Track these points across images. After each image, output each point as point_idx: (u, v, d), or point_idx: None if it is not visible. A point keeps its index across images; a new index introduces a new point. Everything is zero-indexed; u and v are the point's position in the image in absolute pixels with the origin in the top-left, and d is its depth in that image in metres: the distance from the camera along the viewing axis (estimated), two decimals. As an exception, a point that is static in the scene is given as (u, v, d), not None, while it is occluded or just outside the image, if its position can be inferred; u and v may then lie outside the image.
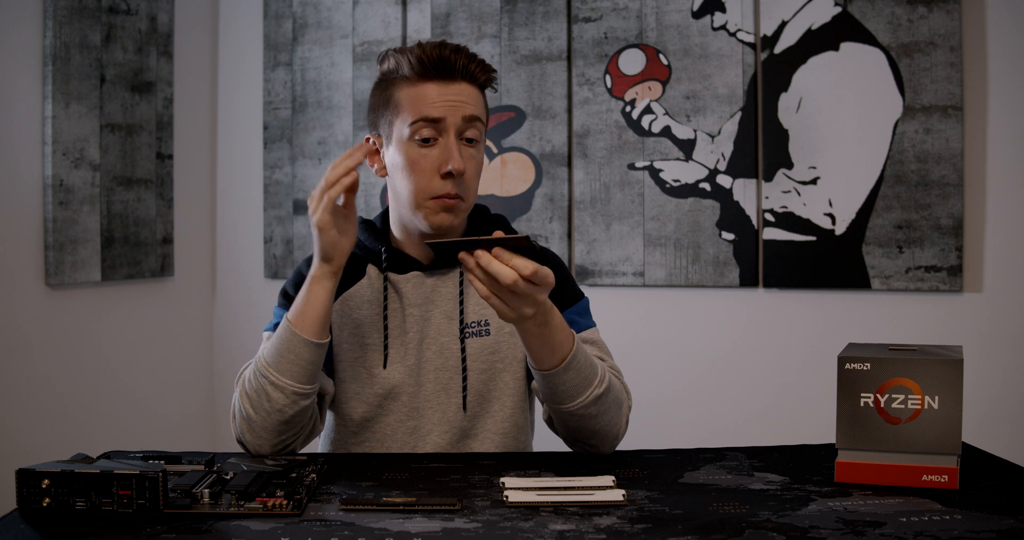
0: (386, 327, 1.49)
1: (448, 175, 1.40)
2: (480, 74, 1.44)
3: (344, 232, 1.35)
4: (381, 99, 1.46)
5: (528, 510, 1.09)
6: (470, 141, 1.43)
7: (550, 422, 1.43)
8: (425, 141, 1.41)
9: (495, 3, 2.93)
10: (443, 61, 1.40)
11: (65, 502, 1.03)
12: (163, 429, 3.01)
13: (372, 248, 1.52)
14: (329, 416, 1.56)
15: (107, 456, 1.20)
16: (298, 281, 1.50)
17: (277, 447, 1.37)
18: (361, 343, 1.49)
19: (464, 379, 1.49)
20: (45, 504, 1.03)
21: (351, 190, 1.33)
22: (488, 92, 1.50)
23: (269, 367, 1.33)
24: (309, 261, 1.53)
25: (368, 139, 1.49)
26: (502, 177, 2.92)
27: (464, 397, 1.49)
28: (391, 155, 1.45)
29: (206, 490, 1.09)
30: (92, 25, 2.71)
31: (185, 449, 1.39)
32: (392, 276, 1.50)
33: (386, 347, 1.49)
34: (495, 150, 2.93)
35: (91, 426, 2.73)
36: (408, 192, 1.43)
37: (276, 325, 1.45)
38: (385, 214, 1.55)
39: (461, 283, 1.50)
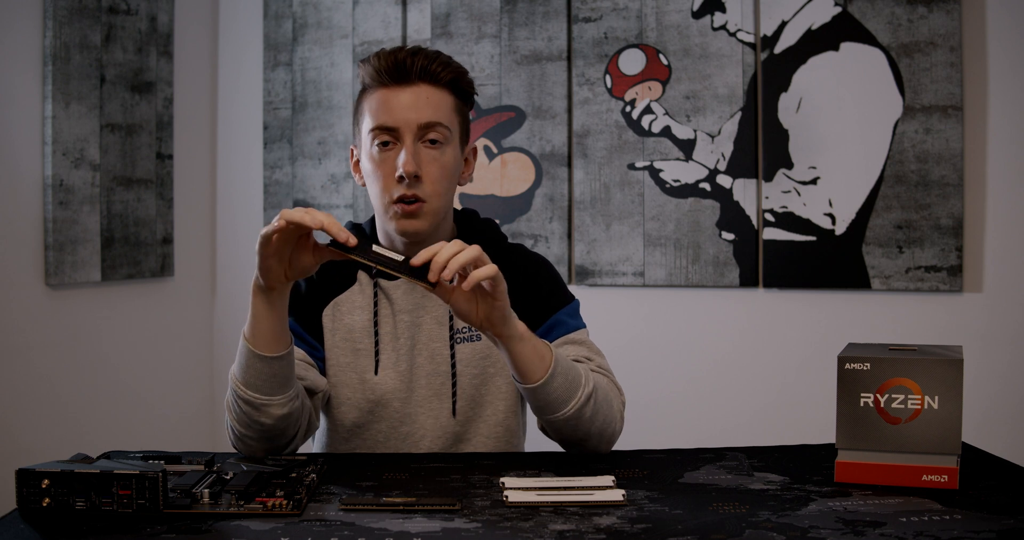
0: (376, 333, 1.49)
1: (401, 179, 1.40)
2: (443, 74, 1.43)
3: (283, 259, 1.22)
4: (355, 109, 1.49)
5: (528, 510, 1.09)
6: (433, 142, 1.42)
7: (544, 431, 1.42)
8: (384, 144, 1.42)
9: (495, 3, 2.93)
10: (397, 66, 1.40)
11: (65, 502, 1.03)
12: (163, 429, 3.01)
13: None
14: (322, 420, 1.56)
15: (107, 456, 1.20)
16: (298, 284, 1.51)
17: (273, 451, 1.36)
18: (353, 349, 1.49)
19: (454, 385, 1.48)
20: (45, 504, 1.03)
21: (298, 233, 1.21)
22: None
23: (238, 382, 1.30)
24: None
25: (351, 150, 1.53)
26: (502, 177, 2.92)
27: (454, 402, 1.49)
28: (362, 162, 1.47)
29: (206, 490, 1.09)
30: (92, 25, 2.71)
31: (185, 449, 1.39)
32: (382, 282, 1.50)
33: (377, 353, 1.48)
34: (495, 150, 2.93)
35: (91, 426, 2.73)
36: (375, 198, 1.45)
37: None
38: (373, 220, 1.55)
39: None
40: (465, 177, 1.52)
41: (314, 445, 1.58)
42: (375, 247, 1.20)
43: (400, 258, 1.19)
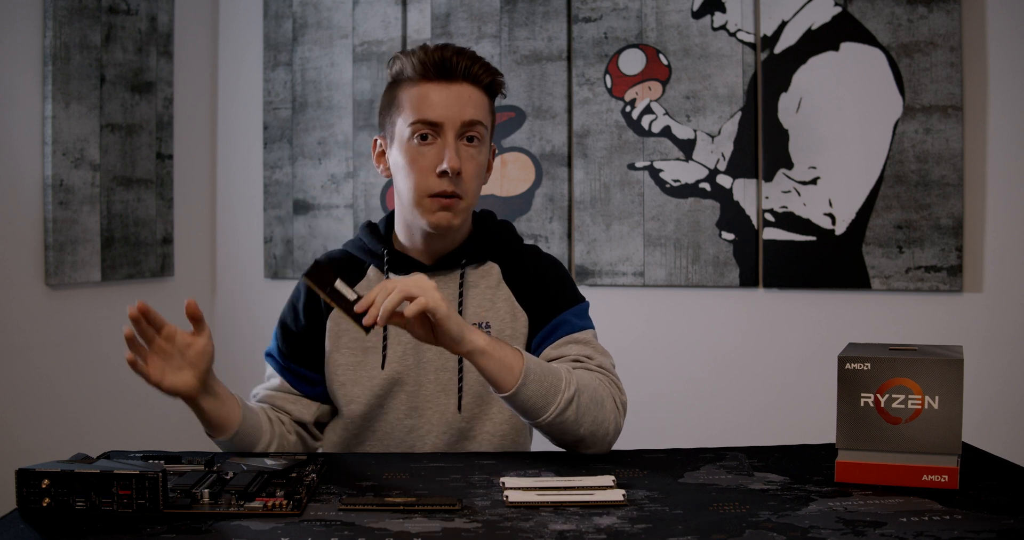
0: (385, 327, 1.49)
1: (444, 173, 1.42)
2: (484, 76, 1.46)
3: (177, 371, 1.41)
4: (388, 100, 1.50)
5: (528, 510, 1.09)
6: (471, 140, 1.46)
7: None
8: (423, 138, 1.43)
9: (495, 3, 2.93)
10: (444, 63, 1.43)
11: (65, 502, 1.03)
12: (163, 429, 3.01)
13: (374, 250, 1.53)
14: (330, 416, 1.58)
15: (107, 456, 1.20)
16: (291, 312, 1.56)
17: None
18: (362, 348, 1.51)
19: (460, 380, 1.49)
20: (45, 504, 1.03)
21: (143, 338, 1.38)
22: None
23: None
24: (300, 290, 1.56)
25: (376, 141, 1.54)
26: (502, 177, 2.92)
27: (460, 398, 1.49)
28: (394, 155, 1.48)
29: (206, 490, 1.09)
30: (92, 25, 2.71)
31: (185, 449, 1.39)
32: (392, 277, 1.51)
33: (384, 348, 1.49)
34: (495, 150, 2.93)
35: (91, 426, 2.73)
36: (408, 190, 1.45)
37: (276, 348, 1.55)
38: (391, 217, 1.57)
39: (461, 285, 1.50)
40: (488, 175, 1.54)
41: (325, 440, 1.60)
42: (337, 283, 1.28)
43: (353, 297, 1.28)
